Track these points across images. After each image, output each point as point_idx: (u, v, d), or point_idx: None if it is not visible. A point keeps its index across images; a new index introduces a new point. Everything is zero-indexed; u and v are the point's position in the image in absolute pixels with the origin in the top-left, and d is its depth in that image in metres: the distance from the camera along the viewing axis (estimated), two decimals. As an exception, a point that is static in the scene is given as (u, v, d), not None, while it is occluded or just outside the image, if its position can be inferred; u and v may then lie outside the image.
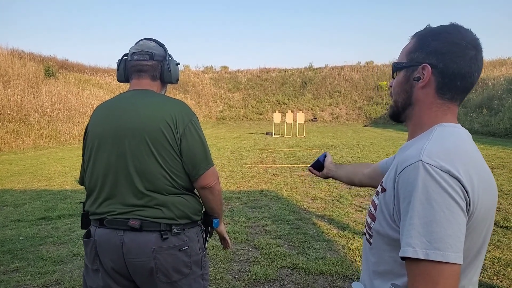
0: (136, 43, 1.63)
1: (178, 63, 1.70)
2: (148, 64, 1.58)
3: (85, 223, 1.59)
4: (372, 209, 0.93)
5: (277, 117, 20.09)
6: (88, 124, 1.61)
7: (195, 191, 1.61)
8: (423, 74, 0.90)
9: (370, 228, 0.93)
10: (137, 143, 1.46)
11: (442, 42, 0.88)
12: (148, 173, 1.46)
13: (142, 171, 1.46)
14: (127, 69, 1.62)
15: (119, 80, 1.69)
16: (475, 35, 0.89)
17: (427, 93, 0.91)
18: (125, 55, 1.65)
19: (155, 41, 1.65)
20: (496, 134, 16.96)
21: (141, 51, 1.58)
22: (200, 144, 1.53)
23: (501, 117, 18.00)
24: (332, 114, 32.18)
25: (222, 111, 33.47)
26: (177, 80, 1.69)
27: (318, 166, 1.61)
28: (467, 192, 0.76)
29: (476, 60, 0.87)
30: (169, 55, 1.66)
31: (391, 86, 1.01)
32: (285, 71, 37.97)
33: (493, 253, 3.58)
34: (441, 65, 0.88)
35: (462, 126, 0.92)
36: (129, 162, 1.47)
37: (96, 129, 1.54)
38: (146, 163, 1.46)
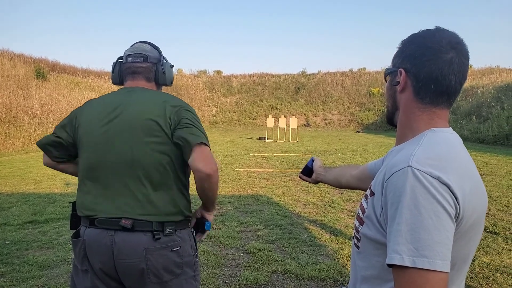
0: (131, 46, 1.64)
1: (173, 66, 1.72)
2: (142, 66, 1.59)
3: (74, 223, 1.56)
4: (360, 212, 0.92)
5: (270, 122, 20.10)
6: (77, 113, 1.57)
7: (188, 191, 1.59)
8: (400, 78, 0.91)
9: (358, 231, 0.92)
10: (131, 142, 1.46)
11: (415, 46, 0.89)
12: (141, 170, 1.45)
13: (135, 169, 1.45)
14: (122, 71, 1.63)
15: (114, 83, 1.69)
16: (456, 37, 0.88)
17: (407, 98, 0.92)
18: (120, 57, 1.66)
19: (150, 44, 1.67)
20: (485, 141, 17.16)
21: (135, 53, 1.60)
22: (193, 123, 1.48)
23: (490, 124, 18.24)
24: (325, 119, 32.32)
25: (215, 115, 33.42)
26: (172, 82, 1.70)
27: (308, 171, 1.61)
28: (456, 198, 0.75)
29: (451, 63, 0.85)
30: (164, 58, 1.68)
31: None
32: (279, 76, 38.08)
33: (482, 258, 3.60)
34: (414, 69, 0.88)
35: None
36: (121, 160, 1.45)
37: (88, 126, 1.52)
38: (139, 161, 1.45)
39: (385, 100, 1.03)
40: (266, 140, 18.97)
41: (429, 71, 0.86)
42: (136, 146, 1.45)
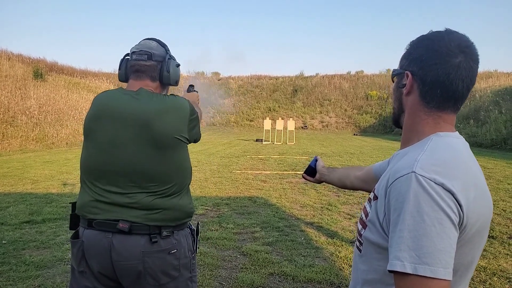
0: (138, 43, 1.60)
1: (179, 65, 1.65)
2: (146, 65, 1.54)
3: (74, 224, 1.56)
4: (364, 216, 0.91)
5: (267, 124, 20.11)
6: (87, 116, 1.55)
7: (187, 191, 1.60)
8: (406, 81, 0.90)
9: (360, 235, 0.91)
10: (140, 152, 1.45)
11: (423, 49, 0.87)
12: (140, 174, 1.45)
13: (139, 176, 1.45)
14: (127, 68, 1.59)
15: (121, 80, 1.65)
16: (465, 40, 0.85)
17: (412, 101, 0.90)
18: (127, 55, 1.62)
19: (157, 41, 1.61)
20: (482, 145, 17.22)
21: (140, 50, 1.54)
22: (198, 123, 1.64)
23: (488, 128, 18.30)
24: (322, 122, 32.37)
25: (212, 117, 33.43)
26: (177, 82, 1.64)
27: (311, 171, 1.61)
28: (460, 206, 0.74)
29: (458, 68, 0.83)
30: (170, 56, 1.62)
31: None
32: (276, 78, 38.15)
33: (479, 262, 3.61)
34: (421, 73, 0.87)
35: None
36: (127, 167, 1.45)
37: (100, 125, 1.49)
38: (145, 170, 1.45)
39: (391, 101, 1.01)
40: (264, 142, 18.99)
41: (435, 75, 0.84)
42: (145, 157, 1.45)
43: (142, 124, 1.45)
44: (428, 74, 0.85)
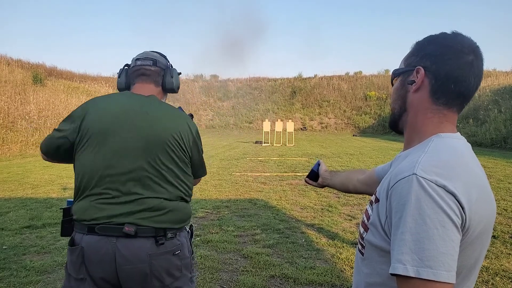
0: (141, 53, 1.71)
1: (180, 73, 1.77)
2: (151, 69, 1.63)
3: (66, 230, 1.53)
4: (365, 219, 0.91)
5: (266, 125, 20.09)
6: (84, 114, 1.49)
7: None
8: (417, 77, 0.89)
9: (362, 238, 0.91)
10: (146, 156, 1.48)
11: (436, 45, 0.87)
12: (147, 178, 1.47)
13: (144, 180, 1.47)
14: (129, 75, 1.66)
15: (119, 88, 1.71)
16: (475, 43, 0.87)
17: (421, 98, 0.89)
18: (127, 64, 1.70)
19: (158, 52, 1.74)
20: (482, 144, 17.23)
21: (145, 57, 1.65)
22: (201, 156, 1.71)
23: (487, 127, 18.32)
24: (321, 123, 32.37)
25: (211, 120, 33.44)
26: (178, 88, 1.75)
27: (313, 175, 1.59)
28: (463, 208, 0.73)
29: (471, 66, 0.84)
30: (171, 65, 1.75)
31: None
32: (275, 80, 38.18)
33: (480, 262, 3.60)
34: (434, 67, 0.86)
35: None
36: (132, 171, 1.46)
37: (102, 128, 1.46)
38: (151, 173, 1.48)
39: (390, 103, 0.99)
40: (263, 144, 18.98)
41: (450, 69, 0.84)
42: (150, 161, 1.48)
43: (153, 139, 1.50)
44: (442, 68, 0.85)
